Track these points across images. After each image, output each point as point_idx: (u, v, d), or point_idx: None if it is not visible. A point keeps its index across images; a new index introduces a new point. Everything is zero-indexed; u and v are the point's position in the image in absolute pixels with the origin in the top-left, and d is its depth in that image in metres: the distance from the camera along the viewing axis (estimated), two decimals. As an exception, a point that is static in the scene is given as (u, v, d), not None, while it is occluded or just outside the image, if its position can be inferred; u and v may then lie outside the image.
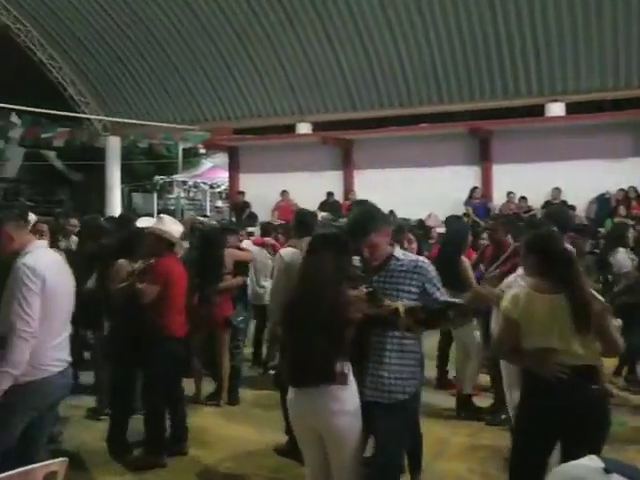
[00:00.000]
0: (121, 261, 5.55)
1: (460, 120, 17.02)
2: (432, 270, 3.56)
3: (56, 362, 3.74)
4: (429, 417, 5.61)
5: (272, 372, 7.97)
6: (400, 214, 13.57)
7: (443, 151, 15.91)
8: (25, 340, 3.52)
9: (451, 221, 9.46)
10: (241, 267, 7.19)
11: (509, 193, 14.90)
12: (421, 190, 15.16)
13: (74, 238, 7.85)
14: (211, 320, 6.55)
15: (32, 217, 4.21)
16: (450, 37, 16.49)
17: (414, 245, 6.59)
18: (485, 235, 7.73)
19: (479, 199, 15.25)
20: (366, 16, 16.79)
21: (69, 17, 19.97)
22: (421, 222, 12.42)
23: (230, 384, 6.93)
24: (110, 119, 22.12)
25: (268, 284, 7.56)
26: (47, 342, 3.66)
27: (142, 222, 5.96)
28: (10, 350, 3.51)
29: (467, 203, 15.12)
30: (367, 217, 3.57)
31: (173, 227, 5.47)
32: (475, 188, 15.37)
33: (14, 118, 21.10)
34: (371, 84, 18.07)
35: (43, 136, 22.51)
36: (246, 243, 8.12)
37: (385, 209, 10.88)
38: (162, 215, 5.96)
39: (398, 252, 3.61)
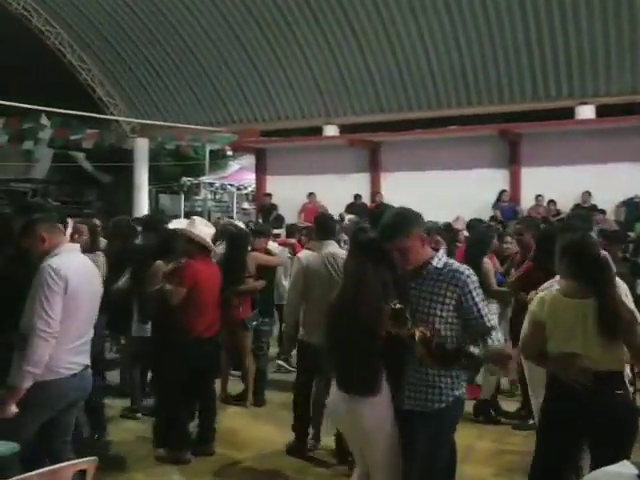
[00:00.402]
0: (158, 263, 5.60)
1: (489, 123, 16.85)
2: (472, 282, 3.38)
3: (70, 365, 3.78)
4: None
5: (281, 362, 8.13)
6: (427, 217, 13.46)
7: (472, 154, 15.78)
8: (45, 340, 3.58)
9: (474, 224, 9.44)
10: (265, 271, 7.16)
11: (538, 196, 14.72)
12: (449, 193, 15.03)
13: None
14: (229, 321, 6.54)
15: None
16: (480, 38, 16.31)
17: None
18: (509, 239, 7.65)
19: (507, 202, 15.10)
20: (395, 18, 16.70)
21: (99, 20, 20.19)
22: (448, 225, 12.32)
23: (256, 386, 6.96)
24: (138, 121, 22.32)
25: (287, 283, 7.56)
26: (63, 345, 3.70)
27: (174, 224, 5.99)
28: (31, 350, 3.56)
29: (495, 206, 14.98)
30: (397, 220, 3.45)
31: (204, 230, 5.53)
32: (503, 191, 15.22)
33: (44, 120, 21.35)
34: (399, 86, 17.97)
35: (72, 137, 22.72)
36: (271, 245, 8.13)
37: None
38: (194, 217, 5.98)
39: (437, 259, 3.45)
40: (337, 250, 5.50)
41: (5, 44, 22.43)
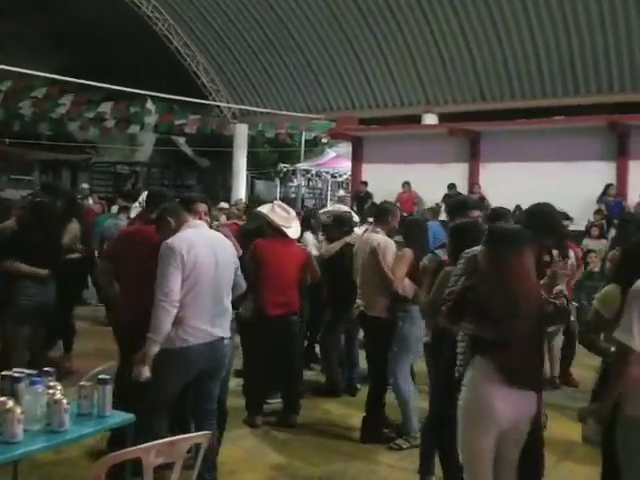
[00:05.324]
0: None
1: (594, 113, 16.15)
2: None
3: (199, 333, 3.97)
4: (552, 416, 5.34)
5: None
6: (527, 209, 13.08)
7: (577, 146, 15.12)
8: (164, 308, 3.80)
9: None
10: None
11: (648, 192, 14.00)
12: (551, 186, 14.42)
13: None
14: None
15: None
16: (591, 26, 15.69)
17: None
18: None
19: (613, 197, 14.43)
20: (502, 4, 16.27)
21: (205, 7, 20.69)
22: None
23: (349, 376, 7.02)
24: (239, 107, 22.78)
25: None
26: (191, 314, 3.92)
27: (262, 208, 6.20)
28: (152, 318, 3.80)
29: (600, 200, 14.35)
30: None
31: (282, 214, 5.83)
32: (610, 185, 14.55)
33: (150, 105, 22.06)
34: (503, 74, 17.51)
35: (176, 123, 23.40)
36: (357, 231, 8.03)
37: (512, 204, 10.56)
38: (275, 202, 6.28)
39: None
40: (373, 235, 5.70)
41: (115, 31, 23.38)
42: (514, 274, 3.26)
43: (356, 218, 8.08)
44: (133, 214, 8.49)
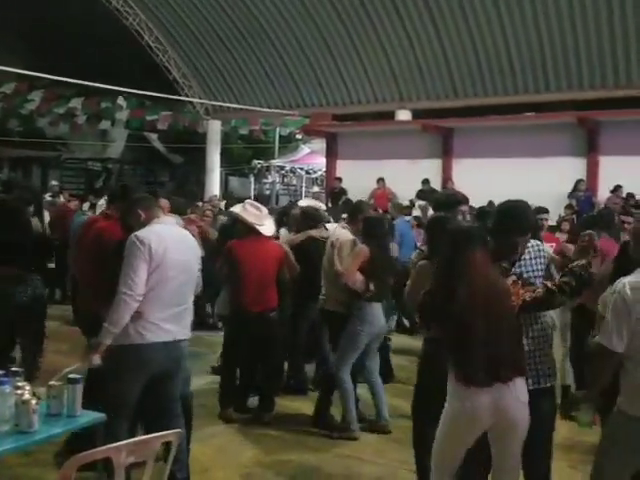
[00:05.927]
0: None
1: (564, 110, 16.39)
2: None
3: (160, 332, 3.89)
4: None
5: None
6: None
7: (548, 141, 15.33)
8: (125, 302, 3.74)
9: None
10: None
11: (617, 187, 14.18)
12: (523, 181, 14.60)
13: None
14: None
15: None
16: (561, 23, 15.90)
17: None
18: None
19: (584, 192, 14.63)
20: (474, 2, 16.41)
21: (177, 1, 20.49)
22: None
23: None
24: (212, 103, 22.63)
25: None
26: (153, 312, 3.84)
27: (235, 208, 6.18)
28: (112, 309, 3.76)
29: (571, 196, 14.54)
30: None
31: (254, 212, 5.83)
32: (580, 180, 14.76)
33: (121, 101, 21.84)
34: (475, 71, 17.67)
35: (148, 119, 23.17)
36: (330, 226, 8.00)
37: (484, 199, 10.71)
38: (247, 200, 6.31)
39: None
40: (338, 231, 5.89)
41: (85, 26, 23.11)
42: (456, 272, 3.29)
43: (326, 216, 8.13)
44: (98, 212, 8.44)
